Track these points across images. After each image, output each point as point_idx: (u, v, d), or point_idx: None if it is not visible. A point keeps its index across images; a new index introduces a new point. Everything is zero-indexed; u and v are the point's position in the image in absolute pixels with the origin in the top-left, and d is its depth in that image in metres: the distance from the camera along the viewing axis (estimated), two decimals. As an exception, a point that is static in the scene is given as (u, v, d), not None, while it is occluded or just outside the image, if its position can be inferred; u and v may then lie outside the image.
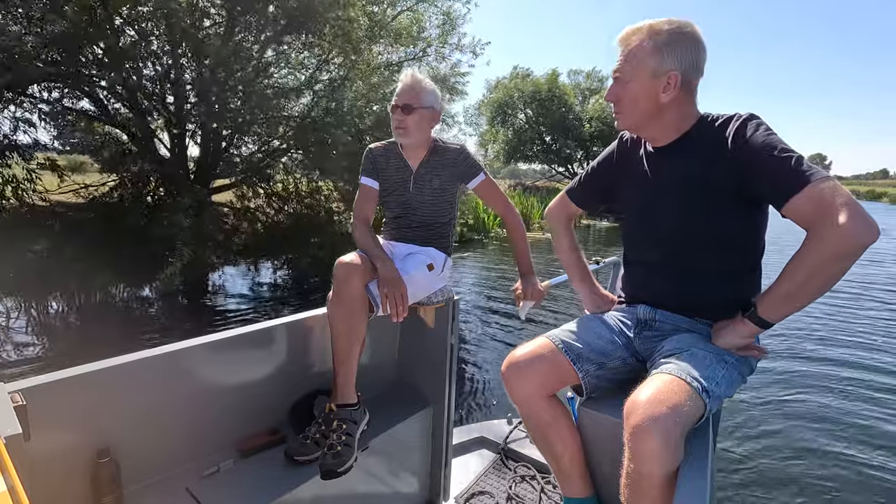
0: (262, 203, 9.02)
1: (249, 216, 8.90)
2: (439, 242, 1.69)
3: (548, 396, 1.27)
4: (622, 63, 1.20)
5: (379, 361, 1.76)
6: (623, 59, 1.20)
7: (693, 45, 1.16)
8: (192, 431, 1.28)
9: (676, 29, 1.15)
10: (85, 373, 1.05)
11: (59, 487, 1.03)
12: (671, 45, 1.15)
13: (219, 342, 1.29)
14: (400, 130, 1.57)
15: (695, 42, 1.17)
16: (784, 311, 1.06)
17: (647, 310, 1.32)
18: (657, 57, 1.15)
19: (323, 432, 1.35)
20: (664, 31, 1.15)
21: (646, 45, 1.16)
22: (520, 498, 1.75)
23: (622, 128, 1.30)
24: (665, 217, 1.26)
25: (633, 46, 1.17)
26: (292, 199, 9.14)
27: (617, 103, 1.23)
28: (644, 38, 1.16)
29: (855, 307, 7.11)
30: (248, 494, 1.20)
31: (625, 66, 1.19)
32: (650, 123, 1.23)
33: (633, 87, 1.19)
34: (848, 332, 5.90)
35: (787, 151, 1.03)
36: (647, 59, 1.15)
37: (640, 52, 1.16)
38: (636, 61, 1.17)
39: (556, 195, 1.64)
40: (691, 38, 1.16)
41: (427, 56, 11.45)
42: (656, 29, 1.16)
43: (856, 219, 0.92)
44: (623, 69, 1.19)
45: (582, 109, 28.85)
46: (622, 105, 1.22)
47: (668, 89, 1.16)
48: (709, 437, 1.03)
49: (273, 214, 9.05)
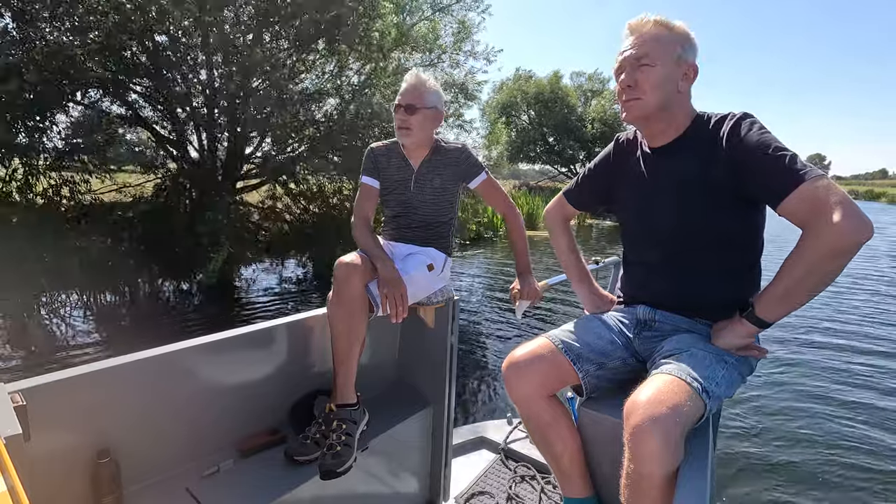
0: (289, 202, 9.36)
1: (276, 215, 9.28)
2: (439, 242, 1.69)
3: (548, 396, 1.27)
4: (643, 47, 1.15)
5: (379, 361, 1.76)
6: (643, 43, 1.16)
7: (694, 45, 1.19)
8: (192, 431, 1.28)
9: (683, 26, 1.18)
10: (85, 373, 1.05)
11: (59, 487, 1.03)
12: (686, 38, 1.17)
13: (219, 342, 1.29)
14: (403, 130, 1.57)
15: (694, 42, 1.19)
16: (781, 310, 1.06)
17: (647, 310, 1.32)
18: (680, 45, 1.16)
19: (323, 432, 1.35)
20: (676, 25, 1.17)
21: (666, 33, 1.16)
22: (520, 498, 1.75)
23: (633, 117, 1.22)
24: (663, 217, 1.26)
25: (654, 33, 1.16)
26: (317, 198, 9.45)
27: (635, 88, 1.17)
28: (663, 28, 1.16)
29: (853, 305, 7.12)
30: (248, 494, 1.20)
31: (649, 49, 1.15)
32: (662, 114, 1.20)
33: (658, 71, 1.15)
34: (847, 330, 5.90)
35: (781, 150, 1.03)
36: (673, 45, 1.16)
37: (664, 38, 1.16)
38: (661, 45, 1.15)
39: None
40: (693, 38, 1.19)
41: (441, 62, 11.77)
42: (668, 23, 1.17)
43: (850, 216, 0.92)
44: (647, 51, 1.15)
45: (584, 111, 28.97)
46: (641, 89, 1.17)
47: (686, 79, 1.17)
48: (709, 437, 1.03)
49: (299, 214, 9.38)
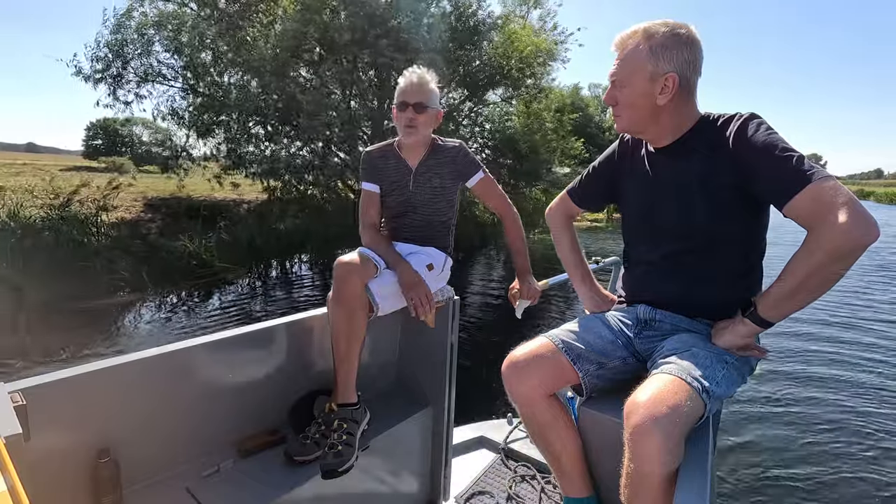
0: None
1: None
2: (439, 242, 1.69)
3: (548, 396, 1.27)
4: (618, 67, 1.20)
5: (379, 361, 1.76)
6: (619, 64, 1.20)
7: (689, 46, 1.16)
8: (192, 431, 1.28)
9: (671, 31, 1.15)
10: (85, 373, 1.05)
11: (59, 487, 1.03)
12: (667, 47, 1.14)
13: (219, 342, 1.29)
14: (410, 129, 1.57)
15: (691, 43, 1.16)
16: (784, 310, 1.05)
17: (647, 309, 1.31)
18: (653, 60, 1.15)
19: (323, 432, 1.35)
20: (660, 33, 1.15)
21: (641, 48, 1.15)
22: (520, 498, 1.74)
23: (620, 130, 1.31)
24: (666, 217, 1.26)
25: (629, 50, 1.18)
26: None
27: (615, 106, 1.24)
28: (639, 42, 1.16)
29: (855, 305, 7.12)
30: (248, 494, 1.20)
31: (621, 71, 1.19)
32: (648, 126, 1.23)
33: (629, 91, 1.19)
34: (848, 330, 5.90)
35: (788, 151, 1.03)
36: (644, 63, 1.15)
37: (636, 55, 1.16)
38: (632, 65, 1.17)
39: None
40: (687, 40, 1.15)
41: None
42: (651, 32, 1.16)
43: (856, 218, 0.92)
44: (619, 73, 1.20)
45: (601, 119, 32.08)
46: (620, 108, 1.23)
47: (665, 91, 1.16)
48: (709, 437, 1.03)
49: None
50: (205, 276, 7.66)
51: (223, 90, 11.59)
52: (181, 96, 12.22)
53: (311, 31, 9.70)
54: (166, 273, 7.35)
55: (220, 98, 11.46)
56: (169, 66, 11.91)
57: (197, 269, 7.67)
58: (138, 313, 6.34)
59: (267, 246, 9.17)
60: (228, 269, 7.98)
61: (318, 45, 10.17)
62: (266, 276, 8.65)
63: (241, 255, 8.45)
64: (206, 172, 12.88)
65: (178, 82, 12.10)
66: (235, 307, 6.77)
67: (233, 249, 8.42)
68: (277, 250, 9.31)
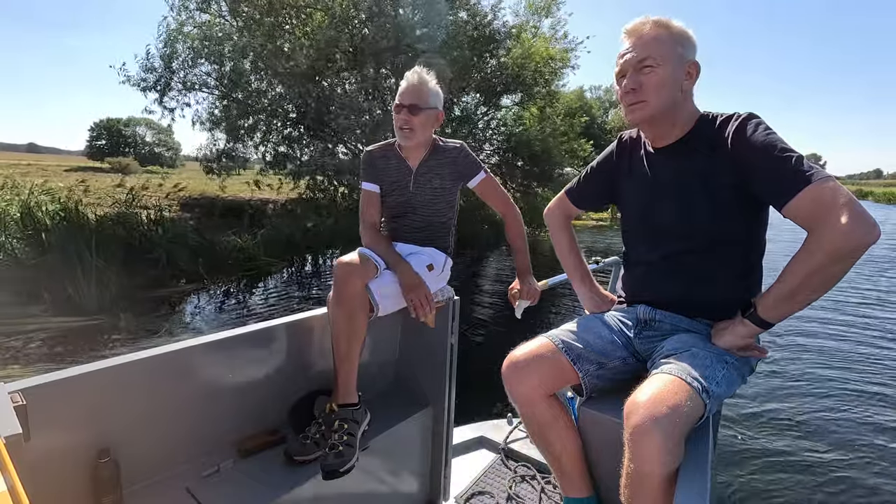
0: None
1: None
2: (439, 242, 1.69)
3: (548, 396, 1.27)
4: (644, 49, 1.15)
5: (379, 361, 1.76)
6: (643, 46, 1.16)
7: (693, 43, 1.18)
8: (192, 431, 1.28)
9: (679, 26, 1.17)
10: (85, 373, 1.05)
11: (59, 487, 1.03)
12: (685, 36, 1.16)
13: (219, 342, 1.29)
14: (406, 131, 1.56)
15: (693, 40, 1.18)
16: (784, 311, 1.05)
17: (647, 310, 1.31)
18: (680, 44, 1.15)
19: (323, 432, 1.35)
20: (673, 23, 1.16)
21: (664, 33, 1.15)
22: (520, 498, 1.74)
23: (639, 119, 1.21)
24: (665, 217, 1.25)
25: (651, 35, 1.16)
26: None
27: (639, 91, 1.17)
28: (660, 28, 1.16)
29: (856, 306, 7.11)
30: (247, 494, 1.20)
31: (654, 51, 1.14)
32: (667, 114, 1.20)
33: (661, 72, 1.15)
34: (848, 331, 5.90)
35: (787, 151, 1.03)
36: (673, 45, 1.15)
37: (663, 38, 1.15)
38: (661, 47, 1.15)
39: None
40: (691, 37, 1.18)
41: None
42: (665, 22, 1.16)
43: (857, 219, 0.92)
44: (653, 53, 1.14)
45: (604, 121, 33.13)
46: (646, 91, 1.16)
47: (689, 78, 1.17)
48: (709, 437, 1.03)
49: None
50: (252, 268, 8.49)
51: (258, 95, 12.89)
52: (220, 103, 13.42)
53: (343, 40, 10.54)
54: (217, 265, 8.14)
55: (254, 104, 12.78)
56: (209, 76, 13.01)
57: (245, 263, 8.52)
58: (199, 301, 7.04)
59: (302, 242, 10.09)
60: (271, 263, 8.84)
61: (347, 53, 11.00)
62: (302, 269, 9.47)
63: (280, 250, 9.36)
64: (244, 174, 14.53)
65: (217, 90, 13.18)
66: (277, 295, 7.45)
67: (273, 245, 9.29)
68: (310, 247, 10.18)
